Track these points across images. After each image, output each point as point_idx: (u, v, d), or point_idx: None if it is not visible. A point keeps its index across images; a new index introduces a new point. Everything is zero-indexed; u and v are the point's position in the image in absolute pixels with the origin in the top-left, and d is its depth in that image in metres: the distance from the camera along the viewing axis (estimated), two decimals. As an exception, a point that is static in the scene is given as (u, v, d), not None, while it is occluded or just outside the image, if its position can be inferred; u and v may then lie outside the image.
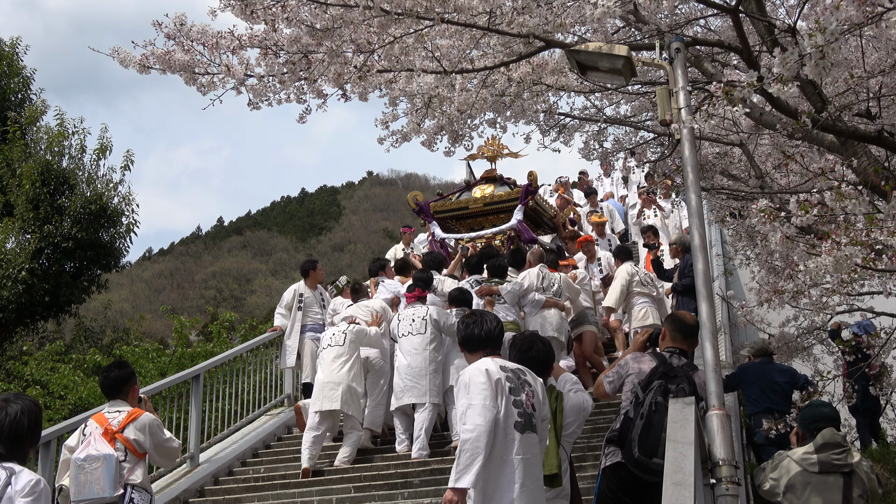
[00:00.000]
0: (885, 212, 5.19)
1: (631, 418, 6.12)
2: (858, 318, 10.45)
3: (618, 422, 6.34)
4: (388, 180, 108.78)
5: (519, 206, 14.25)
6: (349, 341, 10.51)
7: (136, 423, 7.17)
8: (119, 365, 7.61)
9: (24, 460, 4.57)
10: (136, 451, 7.13)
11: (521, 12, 6.40)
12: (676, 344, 6.64)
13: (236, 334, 23.82)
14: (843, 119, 6.56)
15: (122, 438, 7.09)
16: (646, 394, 6.11)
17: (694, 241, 6.09)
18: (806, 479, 6.30)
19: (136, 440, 7.12)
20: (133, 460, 7.11)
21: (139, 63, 6.63)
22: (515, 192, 14.50)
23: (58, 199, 22.28)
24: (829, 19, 4.65)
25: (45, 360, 21.30)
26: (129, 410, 7.26)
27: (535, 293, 11.40)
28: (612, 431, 6.35)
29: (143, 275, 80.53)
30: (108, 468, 6.88)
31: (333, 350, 10.48)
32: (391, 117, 8.24)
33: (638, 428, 5.99)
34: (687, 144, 6.16)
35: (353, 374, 10.42)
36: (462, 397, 5.35)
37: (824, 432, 6.39)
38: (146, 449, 7.20)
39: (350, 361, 10.43)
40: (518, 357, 6.04)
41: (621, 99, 9.85)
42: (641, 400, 6.11)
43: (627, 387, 6.37)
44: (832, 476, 6.24)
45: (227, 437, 11.96)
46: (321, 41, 6.47)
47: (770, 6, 8.40)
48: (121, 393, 7.37)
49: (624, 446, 6.11)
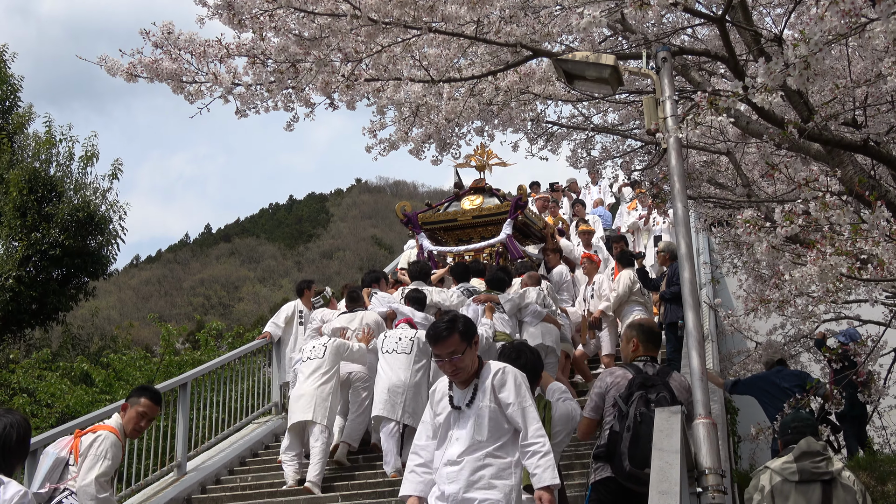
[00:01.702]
0: (869, 222, 5.21)
1: (617, 432, 6.08)
2: (846, 325, 10.49)
3: (603, 437, 6.30)
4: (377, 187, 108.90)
5: (508, 219, 14.21)
6: (329, 354, 10.32)
7: (98, 432, 6.78)
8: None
9: (10, 473, 4.58)
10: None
11: (509, 21, 6.42)
12: (648, 352, 6.62)
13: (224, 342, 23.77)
14: (830, 128, 6.59)
15: (76, 444, 6.76)
16: (628, 406, 6.10)
17: (680, 250, 6.10)
18: (786, 488, 6.38)
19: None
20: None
21: (126, 71, 6.62)
22: (505, 205, 14.44)
23: (45, 206, 22.21)
24: (814, 30, 4.67)
25: (32, 367, 21.24)
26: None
27: (537, 305, 11.32)
28: (598, 448, 6.30)
29: (130, 282, 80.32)
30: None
31: (313, 363, 10.32)
32: (379, 126, 8.24)
33: (626, 441, 5.96)
34: (673, 154, 6.18)
35: (329, 387, 10.22)
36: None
37: (802, 442, 6.48)
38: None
39: (327, 374, 10.25)
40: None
41: (609, 107, 9.87)
42: (625, 412, 6.08)
43: (609, 402, 6.34)
44: (812, 484, 6.32)
45: (214, 445, 11.93)
46: (309, 50, 6.48)
47: (756, 15, 8.44)
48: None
49: (613, 460, 6.08)
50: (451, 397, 5.55)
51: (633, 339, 6.66)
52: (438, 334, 5.47)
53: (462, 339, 5.48)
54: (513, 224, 14.14)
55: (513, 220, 14.14)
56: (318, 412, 10.04)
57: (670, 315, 12.41)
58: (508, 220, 14.15)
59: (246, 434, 12.37)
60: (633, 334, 6.70)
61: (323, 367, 10.26)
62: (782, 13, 8.17)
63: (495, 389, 5.43)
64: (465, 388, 5.52)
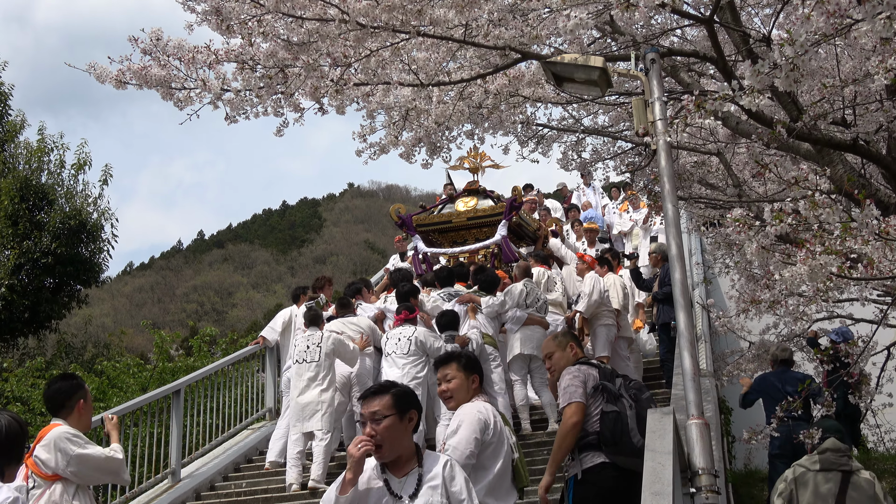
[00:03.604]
0: (859, 220, 5.22)
1: (616, 411, 5.92)
2: (838, 324, 10.51)
3: (593, 424, 6.01)
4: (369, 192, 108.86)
5: (503, 221, 14.20)
6: (324, 354, 10.36)
7: (43, 440, 5.99)
8: (63, 377, 6.46)
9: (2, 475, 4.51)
10: (43, 474, 5.94)
11: (497, 25, 6.42)
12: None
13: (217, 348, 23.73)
14: (819, 127, 6.59)
15: (29, 463, 5.94)
16: (618, 388, 6.06)
17: (671, 251, 6.11)
18: (807, 476, 6.97)
19: (39, 460, 5.94)
20: (42, 485, 5.93)
21: (115, 78, 6.60)
22: (500, 206, 14.44)
23: (37, 214, 22.23)
24: (799, 31, 4.68)
25: (25, 376, 21.14)
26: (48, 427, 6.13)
27: (517, 310, 11.21)
28: (586, 437, 6.00)
29: (123, 289, 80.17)
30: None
31: (310, 368, 10.35)
32: (369, 130, 8.24)
33: (631, 418, 5.90)
34: (663, 155, 6.19)
35: (330, 393, 10.35)
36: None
37: (828, 441, 7.11)
38: (54, 469, 5.94)
39: (327, 378, 10.34)
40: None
41: (599, 109, 9.88)
42: (616, 393, 6.00)
43: (588, 390, 6.11)
44: (831, 472, 6.89)
45: (208, 451, 11.93)
46: (297, 55, 6.48)
47: (745, 16, 8.45)
48: (63, 409, 6.20)
49: (613, 443, 5.85)
50: (387, 482, 4.52)
51: (570, 344, 6.57)
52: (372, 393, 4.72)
53: (394, 406, 4.57)
54: (507, 225, 14.15)
55: (507, 221, 14.14)
56: (325, 422, 10.20)
57: (663, 316, 12.43)
58: (503, 221, 14.15)
59: (240, 440, 12.36)
60: (568, 339, 6.62)
61: (322, 371, 10.33)
62: (770, 14, 8.18)
63: (446, 484, 4.52)
64: (401, 475, 4.56)
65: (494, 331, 11.15)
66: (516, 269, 12.21)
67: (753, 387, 10.40)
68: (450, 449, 5.64)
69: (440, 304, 11.36)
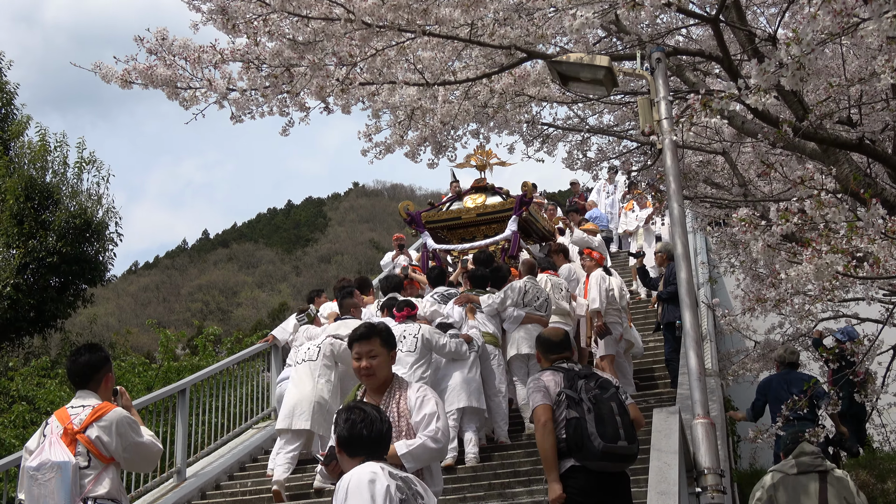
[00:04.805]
0: (864, 219, 5.21)
1: (578, 417, 6.00)
2: (844, 324, 10.50)
3: (560, 431, 6.09)
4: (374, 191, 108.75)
5: (514, 216, 14.20)
6: (323, 355, 10.25)
7: (101, 420, 5.83)
8: (90, 348, 6.28)
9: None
10: (101, 456, 5.80)
11: (503, 24, 6.41)
12: (557, 357, 6.61)
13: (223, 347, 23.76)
14: (825, 127, 6.59)
15: (83, 440, 5.77)
16: (578, 393, 6.11)
17: (677, 251, 6.12)
18: (786, 480, 6.98)
19: (100, 441, 5.79)
20: (98, 466, 5.78)
21: (121, 78, 6.60)
22: (509, 202, 14.44)
23: (42, 213, 22.26)
24: (806, 30, 4.68)
25: (31, 375, 21.19)
26: (96, 406, 5.92)
27: (515, 309, 11.08)
28: (558, 444, 6.11)
29: (128, 289, 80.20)
30: (62, 479, 5.58)
31: (307, 366, 10.26)
32: (374, 129, 8.24)
33: (591, 422, 5.93)
34: (668, 154, 6.19)
35: (328, 391, 10.14)
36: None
37: (801, 445, 7.19)
38: (113, 452, 5.85)
39: (324, 377, 10.18)
40: None
41: (604, 108, 9.87)
42: (577, 398, 6.07)
43: (553, 397, 6.23)
44: (809, 475, 6.93)
45: (214, 450, 11.92)
46: (303, 54, 6.48)
47: (750, 15, 8.44)
48: (91, 382, 6.07)
49: (580, 447, 5.95)
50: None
51: (536, 352, 6.86)
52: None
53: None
54: (517, 221, 14.15)
55: (518, 216, 14.14)
56: (318, 422, 9.94)
57: (668, 315, 12.41)
58: (514, 216, 14.15)
59: (246, 439, 12.36)
60: (538, 348, 6.84)
61: (318, 370, 10.19)
62: (776, 13, 8.17)
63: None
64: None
65: (495, 328, 11.08)
66: (521, 265, 12.19)
67: (759, 391, 10.40)
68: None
69: (438, 307, 11.30)
